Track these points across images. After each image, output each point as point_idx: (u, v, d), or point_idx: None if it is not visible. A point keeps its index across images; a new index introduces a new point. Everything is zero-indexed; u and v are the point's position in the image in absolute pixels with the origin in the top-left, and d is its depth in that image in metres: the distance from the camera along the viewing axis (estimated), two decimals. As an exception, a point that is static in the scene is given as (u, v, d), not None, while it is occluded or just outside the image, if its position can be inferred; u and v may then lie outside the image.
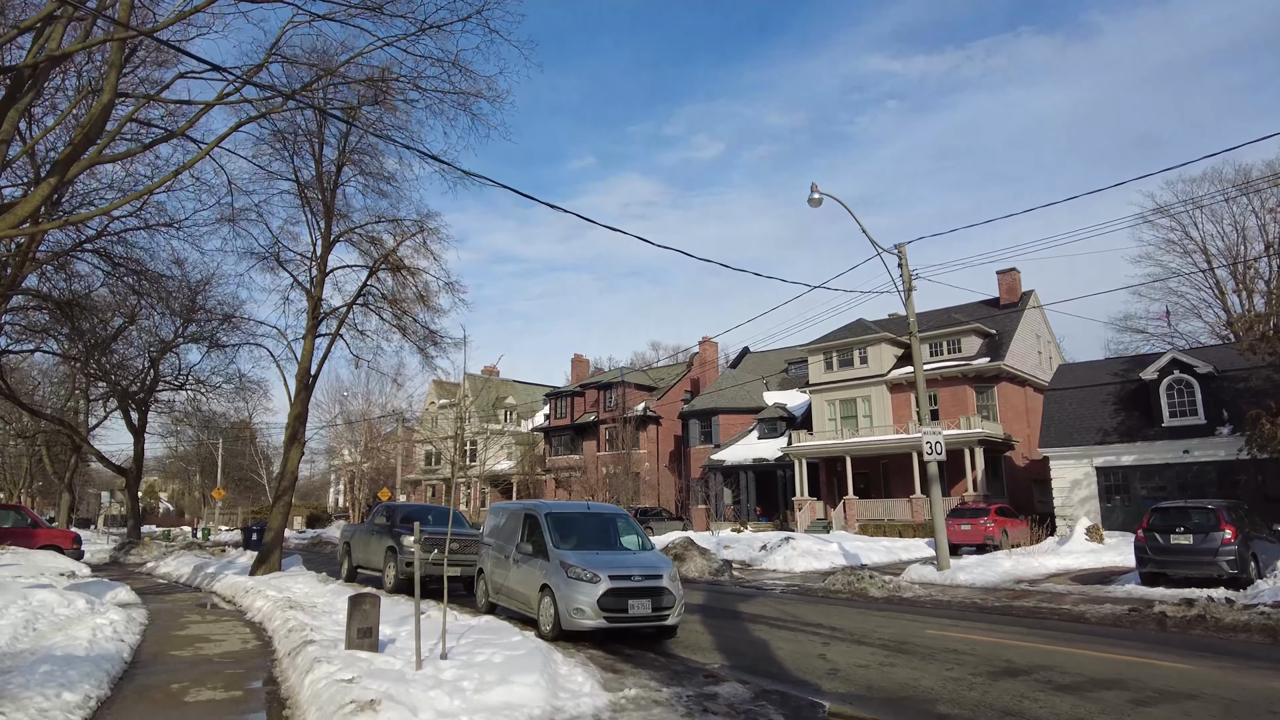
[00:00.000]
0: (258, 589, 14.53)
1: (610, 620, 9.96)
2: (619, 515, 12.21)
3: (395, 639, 9.26)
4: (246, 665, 8.65)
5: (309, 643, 8.48)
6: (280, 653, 9.01)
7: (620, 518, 12.14)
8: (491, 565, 12.85)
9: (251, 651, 9.47)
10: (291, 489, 20.20)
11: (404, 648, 8.69)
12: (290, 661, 8.23)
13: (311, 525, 58.62)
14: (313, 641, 8.52)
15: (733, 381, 46.96)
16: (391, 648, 8.74)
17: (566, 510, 11.97)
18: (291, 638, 9.22)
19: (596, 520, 11.91)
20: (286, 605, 11.67)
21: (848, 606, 14.14)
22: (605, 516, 12.07)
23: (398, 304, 21.63)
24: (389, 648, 8.70)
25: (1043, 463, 35.51)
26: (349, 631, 8.32)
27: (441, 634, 8.26)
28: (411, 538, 16.69)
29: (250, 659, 9.01)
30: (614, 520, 12.03)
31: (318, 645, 8.29)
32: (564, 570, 10.30)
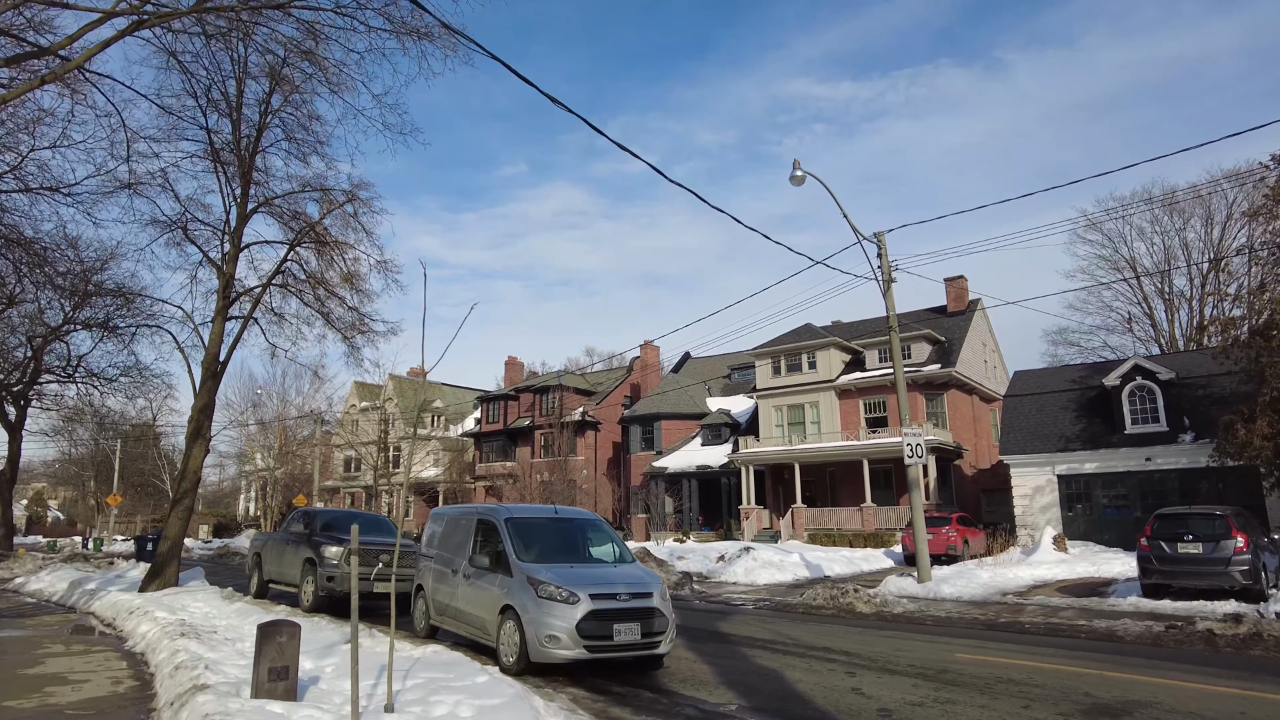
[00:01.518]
0: (145, 609, 12.03)
1: (592, 649, 8.10)
2: (592, 522, 10.35)
3: (318, 678, 7.21)
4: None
5: (201, 688, 6.32)
6: (160, 701, 6.80)
7: (593, 525, 10.28)
8: (434, 582, 10.79)
9: (122, 698, 7.21)
10: (194, 491, 17.55)
11: (331, 692, 6.64)
12: (172, 716, 6.07)
13: (219, 534, 54.36)
14: (206, 686, 6.37)
15: (676, 386, 45.48)
16: (314, 691, 6.68)
17: (530, 515, 10.04)
18: (178, 678, 7.01)
19: (566, 527, 10.02)
20: (178, 631, 9.36)
21: (841, 625, 12.62)
22: (577, 523, 10.19)
23: (322, 284, 19.24)
24: (310, 691, 6.65)
25: (991, 471, 35.24)
26: (257, 672, 6.23)
27: (385, 673, 6.26)
28: (335, 548, 14.41)
29: (117, 710, 6.77)
30: (586, 527, 10.17)
31: (212, 692, 6.16)
32: (532, 588, 8.39)
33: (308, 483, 51.59)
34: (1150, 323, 47.42)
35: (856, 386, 35.19)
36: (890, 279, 17.96)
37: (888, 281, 17.98)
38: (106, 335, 29.17)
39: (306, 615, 12.60)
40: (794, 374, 36.96)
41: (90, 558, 31.13)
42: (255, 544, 17.10)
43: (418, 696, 6.31)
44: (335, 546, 13.79)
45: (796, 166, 16.00)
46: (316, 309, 20.17)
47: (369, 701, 6.19)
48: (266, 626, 6.24)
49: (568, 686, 7.77)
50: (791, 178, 15.99)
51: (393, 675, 6.21)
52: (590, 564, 9.35)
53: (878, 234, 18.14)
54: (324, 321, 20.47)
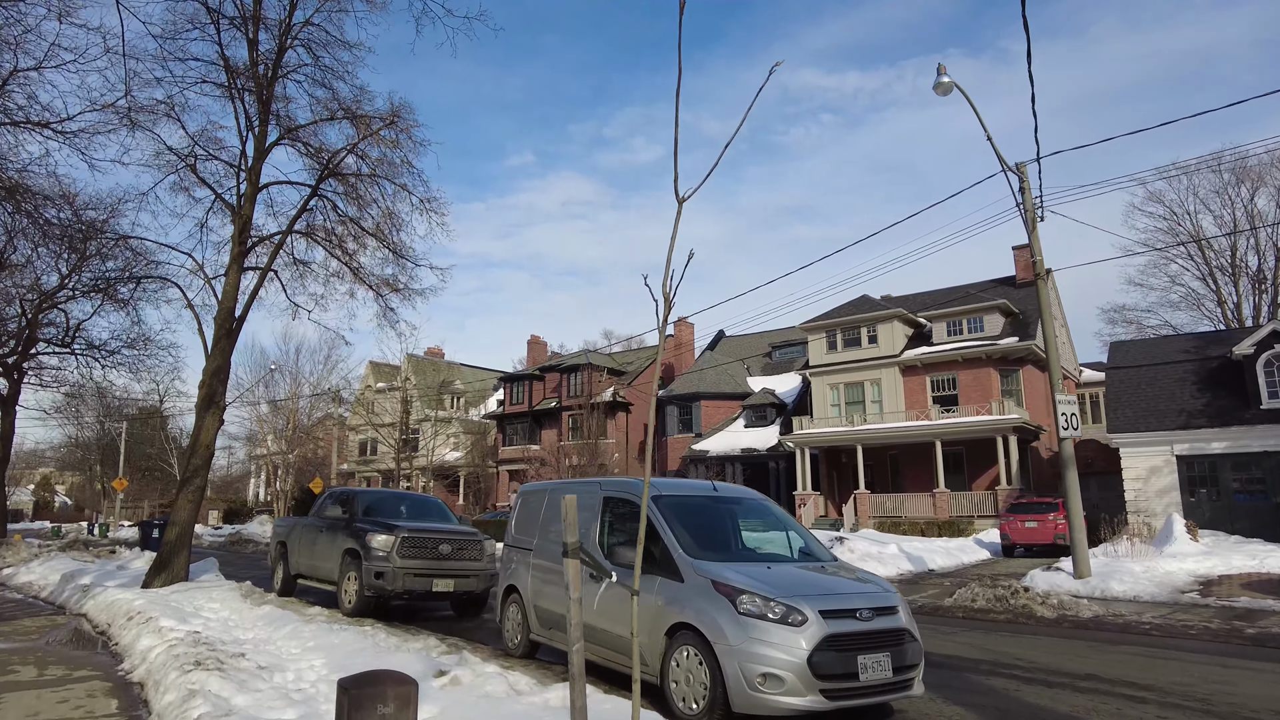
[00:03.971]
0: (148, 614, 9.26)
1: (832, 695, 5.27)
2: (761, 504, 7.49)
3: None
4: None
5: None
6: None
7: (763, 509, 7.43)
8: (536, 583, 7.98)
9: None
10: (206, 469, 14.77)
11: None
12: None
13: (229, 520, 51.77)
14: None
15: (714, 365, 42.57)
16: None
17: (687, 494, 7.18)
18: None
19: (733, 512, 7.18)
20: (192, 658, 6.54)
21: (1044, 635, 9.81)
22: (746, 505, 7.34)
23: (355, 222, 16.37)
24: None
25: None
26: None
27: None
28: (384, 537, 11.40)
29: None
30: (757, 511, 7.33)
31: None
32: (726, 600, 5.56)
33: (321, 466, 48.92)
34: (1217, 299, 44.42)
35: (923, 362, 32.25)
36: (1035, 215, 15.02)
37: (1032, 219, 15.04)
38: (107, 299, 26.42)
39: (345, 622, 9.82)
40: (852, 349, 34.02)
41: (91, 545, 28.53)
42: (279, 531, 14.32)
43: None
44: (384, 535, 10.98)
45: (942, 72, 13.04)
46: (344, 261, 17.35)
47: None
48: (357, 684, 3.40)
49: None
50: (936, 85, 13.04)
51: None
52: (788, 563, 6.51)
53: (1019, 164, 15.21)
54: (353, 276, 17.67)
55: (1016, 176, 15.07)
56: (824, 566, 6.48)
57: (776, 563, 6.38)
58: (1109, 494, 29.68)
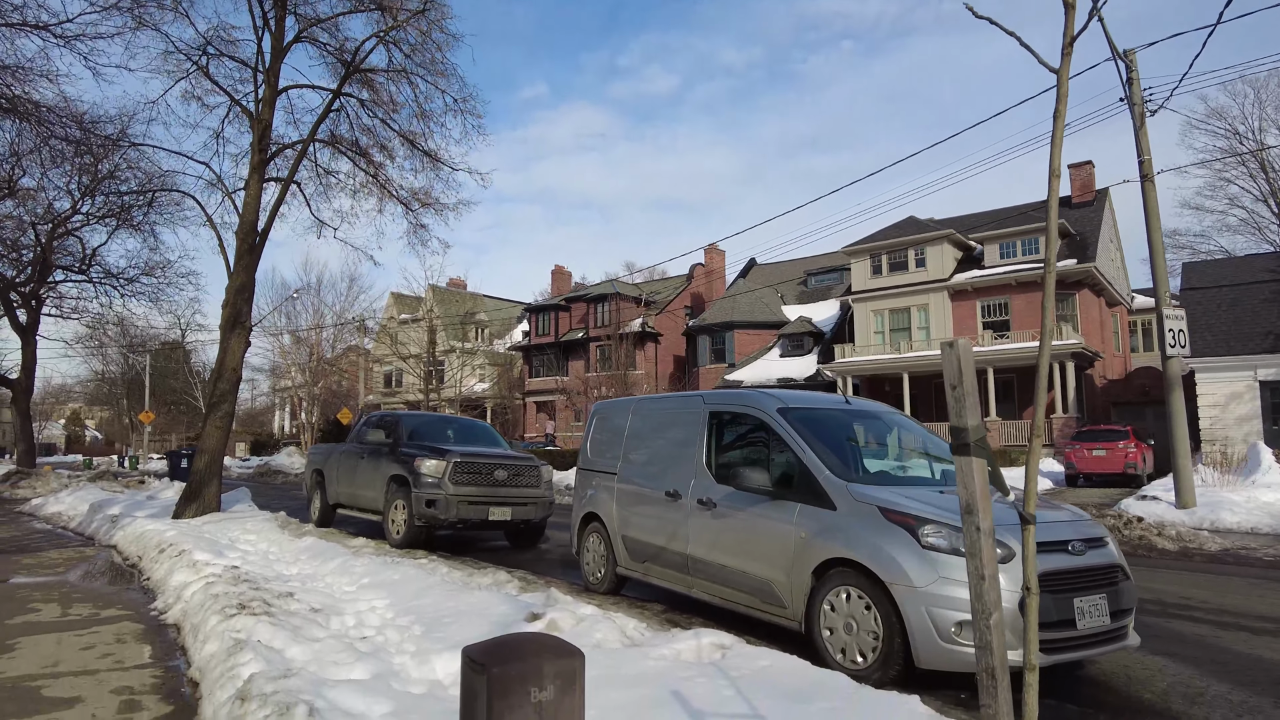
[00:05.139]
0: (181, 547, 8.31)
1: (1047, 647, 4.13)
2: (898, 419, 6.26)
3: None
4: None
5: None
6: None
7: (902, 424, 6.21)
8: (623, 508, 6.89)
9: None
10: (234, 394, 13.77)
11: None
12: None
13: (256, 452, 51.71)
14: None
15: (747, 291, 41.05)
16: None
17: (816, 405, 5.96)
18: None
19: (872, 429, 5.98)
20: (235, 599, 5.52)
21: (1183, 571, 8.69)
22: (885, 420, 6.13)
23: (383, 125, 14.96)
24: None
25: (1124, 382, 30.94)
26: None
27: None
28: (434, 462, 10.34)
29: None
30: (895, 428, 6.12)
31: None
32: (904, 532, 4.41)
33: (346, 398, 48.44)
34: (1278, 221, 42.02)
35: (974, 286, 30.63)
36: (1144, 109, 13.32)
37: (1140, 115, 13.34)
38: (122, 224, 25.31)
39: (404, 554, 8.86)
40: (898, 273, 32.39)
41: (120, 476, 28.12)
42: (314, 459, 13.40)
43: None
44: (435, 460, 9.95)
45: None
46: (371, 174, 16.02)
47: None
48: (498, 658, 2.24)
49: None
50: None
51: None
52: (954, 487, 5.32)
53: (1127, 51, 13.44)
54: (379, 189, 16.38)
55: (1124, 65, 13.32)
56: (998, 492, 5.29)
57: (948, 486, 5.20)
58: (1165, 424, 28.27)
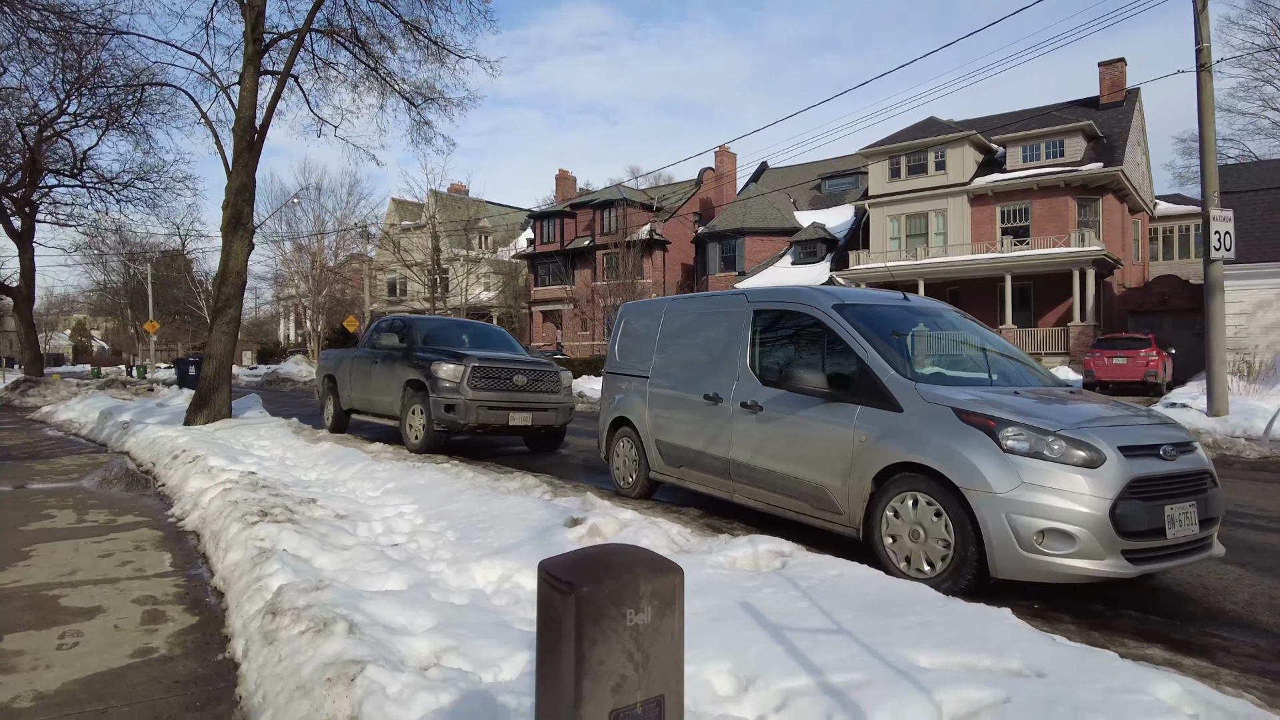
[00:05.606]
0: (195, 453, 8.07)
1: (1136, 558, 3.84)
2: (965, 320, 5.81)
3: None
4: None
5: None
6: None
7: (969, 325, 5.77)
8: (657, 414, 6.55)
9: (156, 683, 3.10)
10: (239, 298, 13.32)
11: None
12: None
13: (263, 361, 51.72)
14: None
15: (758, 195, 39.93)
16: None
17: (875, 302, 5.51)
18: (301, 677, 2.85)
19: (937, 326, 5.55)
20: (255, 506, 5.23)
21: (1225, 479, 8.43)
22: (948, 319, 5.69)
23: (382, 7, 13.98)
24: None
25: (1142, 290, 30.34)
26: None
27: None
28: (452, 366, 10.03)
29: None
30: (962, 328, 5.67)
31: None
32: (982, 435, 4.06)
33: (351, 307, 48.01)
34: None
35: (994, 190, 29.62)
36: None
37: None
38: (112, 125, 24.30)
39: (425, 459, 8.62)
40: (917, 176, 31.31)
41: (129, 385, 28.04)
42: (325, 364, 13.08)
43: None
44: (452, 364, 9.60)
45: None
46: (371, 66, 15.13)
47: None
48: (586, 576, 1.89)
49: (1087, 624, 3.57)
50: None
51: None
52: (1030, 388, 4.93)
53: (1192, -79, 12.30)
54: (380, 81, 15.54)
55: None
56: (1071, 392, 4.92)
57: (1022, 387, 4.81)
58: (1183, 333, 27.95)
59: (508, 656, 2.89)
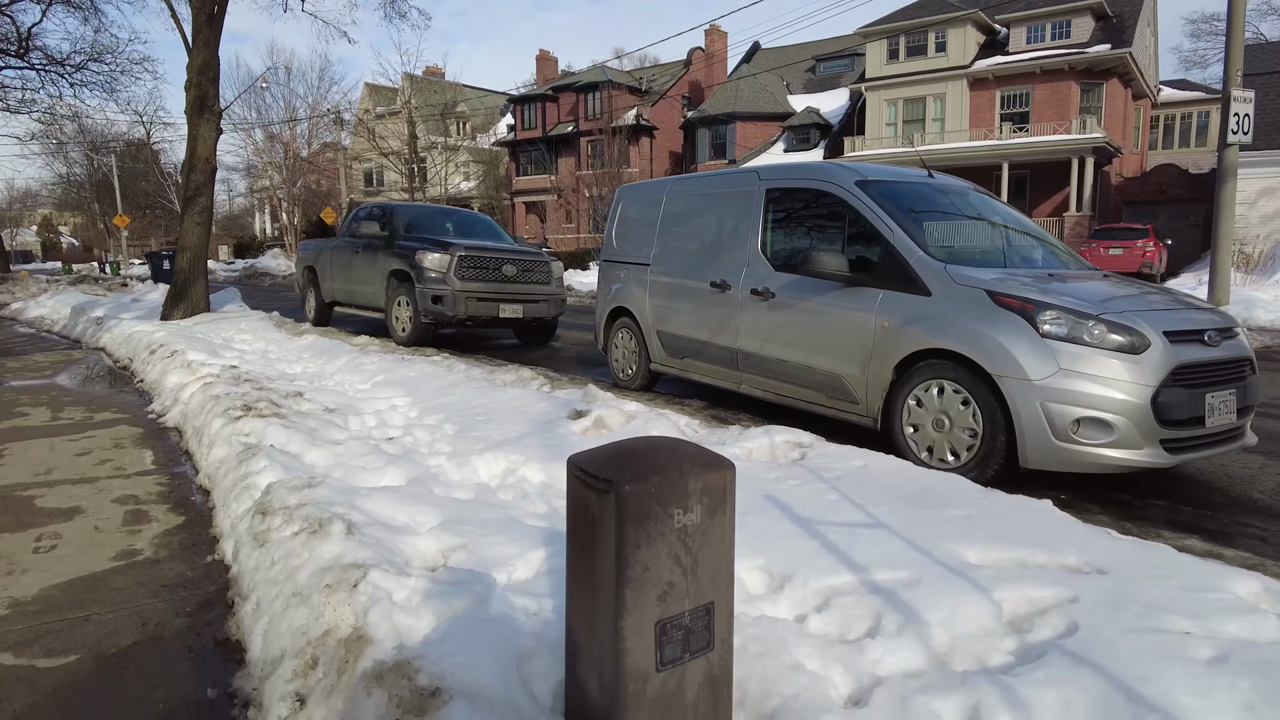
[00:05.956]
0: (173, 347, 7.73)
1: (1174, 447, 3.67)
2: (989, 199, 5.46)
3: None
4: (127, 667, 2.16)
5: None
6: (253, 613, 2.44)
7: (991, 204, 5.41)
8: (658, 303, 6.24)
9: (141, 585, 2.89)
10: (209, 186, 12.61)
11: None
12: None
13: (240, 255, 50.50)
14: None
15: (750, 75, 38.28)
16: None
17: (899, 179, 5.11)
18: (298, 581, 2.63)
19: (958, 206, 5.18)
20: (237, 399, 4.95)
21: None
22: (974, 198, 5.32)
23: None
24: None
25: (1140, 180, 29.77)
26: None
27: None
28: (438, 255, 9.49)
29: (152, 625, 2.48)
30: (987, 208, 5.31)
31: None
32: (1018, 319, 3.80)
33: (326, 198, 46.52)
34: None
35: (996, 74, 28.46)
36: None
37: None
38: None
39: (414, 352, 8.33)
40: (916, 58, 29.97)
41: (101, 280, 27.25)
42: (304, 255, 12.57)
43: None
44: (437, 253, 9.18)
45: None
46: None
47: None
48: (629, 473, 1.62)
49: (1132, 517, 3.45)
50: None
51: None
52: (1062, 270, 4.65)
53: None
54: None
55: None
56: (1107, 275, 4.64)
57: (1055, 269, 4.53)
58: (1179, 224, 27.67)
59: (520, 555, 2.68)
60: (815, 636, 2.12)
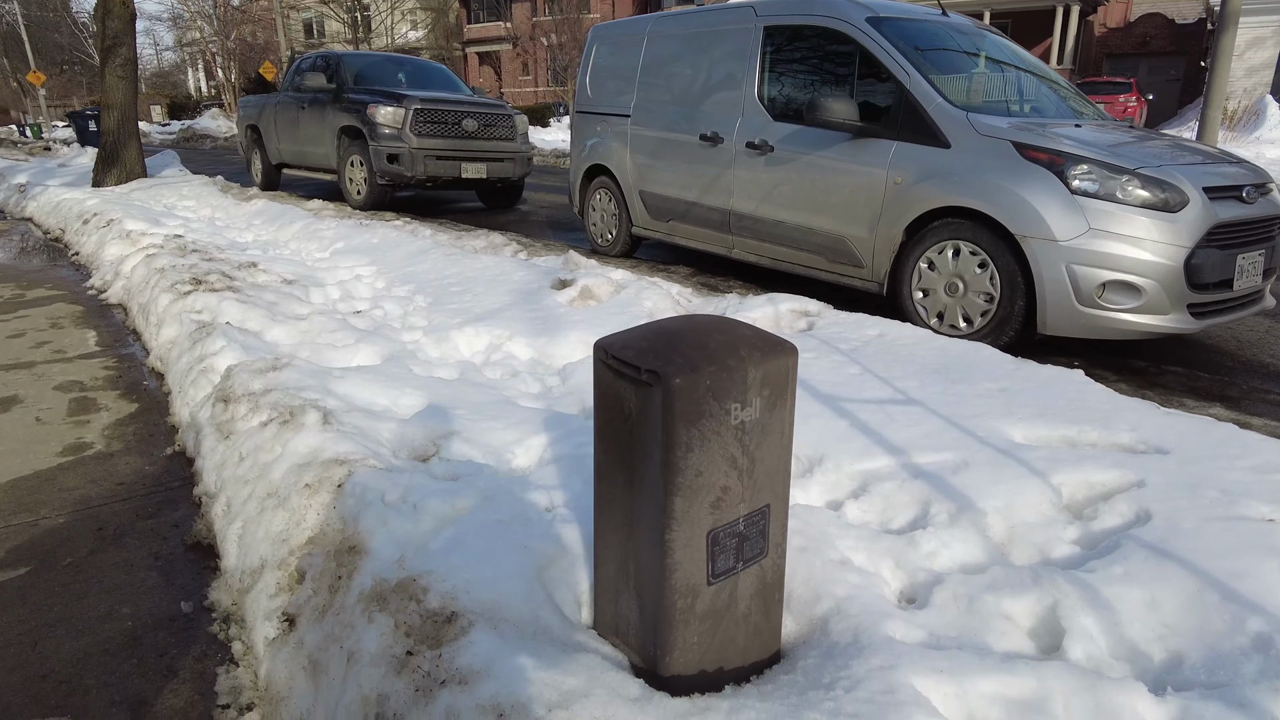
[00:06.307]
0: (109, 215, 7.08)
1: (1200, 311, 3.49)
2: (997, 37, 4.98)
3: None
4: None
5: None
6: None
7: (1004, 43, 4.94)
8: (641, 160, 5.78)
9: (110, 478, 2.60)
10: (130, 34, 11.30)
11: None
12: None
13: (175, 116, 47.26)
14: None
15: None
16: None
17: (914, 16, 4.58)
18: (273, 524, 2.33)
19: (975, 48, 4.71)
20: (185, 271, 4.49)
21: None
22: (991, 40, 4.85)
23: None
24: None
25: (1123, 31, 28.67)
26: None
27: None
28: (391, 109, 8.66)
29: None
30: (998, 48, 4.85)
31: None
32: (1047, 173, 3.49)
33: (264, 52, 43.08)
34: None
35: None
36: None
37: None
38: None
39: (373, 216, 7.78)
40: (898, -110, 27.68)
41: (21, 144, 25.29)
42: (246, 113, 11.56)
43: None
44: (391, 106, 8.44)
45: None
46: None
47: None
48: (678, 362, 1.33)
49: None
50: None
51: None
52: (1089, 121, 4.30)
53: None
54: None
55: None
56: (1133, 126, 4.30)
57: (1081, 119, 4.17)
58: (1158, 78, 27.01)
59: (519, 441, 2.43)
60: (856, 527, 1.93)
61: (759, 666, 1.55)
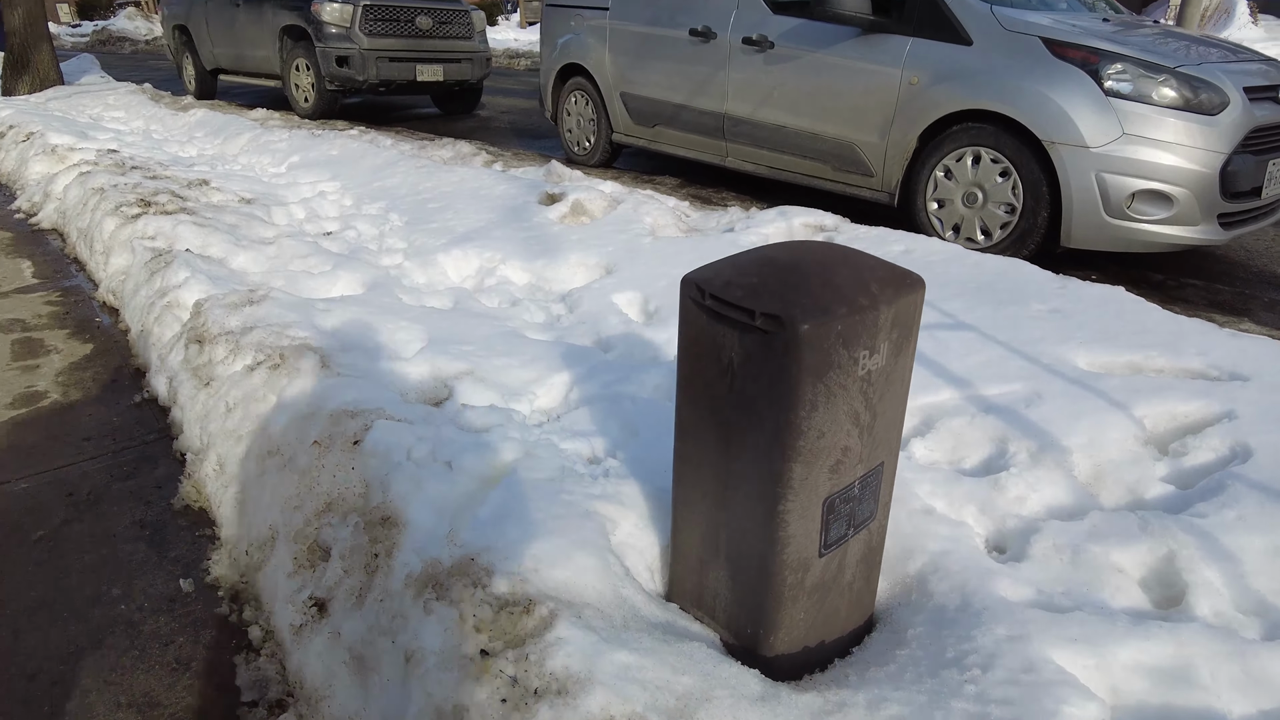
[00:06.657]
0: (28, 128, 6.40)
1: (1229, 221, 3.36)
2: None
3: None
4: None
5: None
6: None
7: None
8: (621, 60, 5.36)
9: (73, 433, 2.30)
10: (27, -83, 10.06)
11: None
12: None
13: (86, 16, 43.52)
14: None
15: None
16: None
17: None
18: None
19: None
20: (129, 192, 4.03)
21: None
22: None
23: None
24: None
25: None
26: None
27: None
28: (337, 4, 8.20)
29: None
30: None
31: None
32: (1079, 73, 3.26)
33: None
34: None
35: None
36: None
37: None
38: None
39: (326, 125, 7.21)
40: None
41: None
42: (172, 11, 10.50)
43: None
44: (337, 3, 7.73)
45: None
46: None
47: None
48: (799, 304, 1.10)
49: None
50: None
51: None
52: (1116, 15, 4.04)
53: None
54: None
55: None
56: (1158, 21, 4.07)
57: (1110, 14, 3.91)
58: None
59: (539, 379, 2.20)
60: (928, 469, 1.77)
61: (857, 635, 1.40)
